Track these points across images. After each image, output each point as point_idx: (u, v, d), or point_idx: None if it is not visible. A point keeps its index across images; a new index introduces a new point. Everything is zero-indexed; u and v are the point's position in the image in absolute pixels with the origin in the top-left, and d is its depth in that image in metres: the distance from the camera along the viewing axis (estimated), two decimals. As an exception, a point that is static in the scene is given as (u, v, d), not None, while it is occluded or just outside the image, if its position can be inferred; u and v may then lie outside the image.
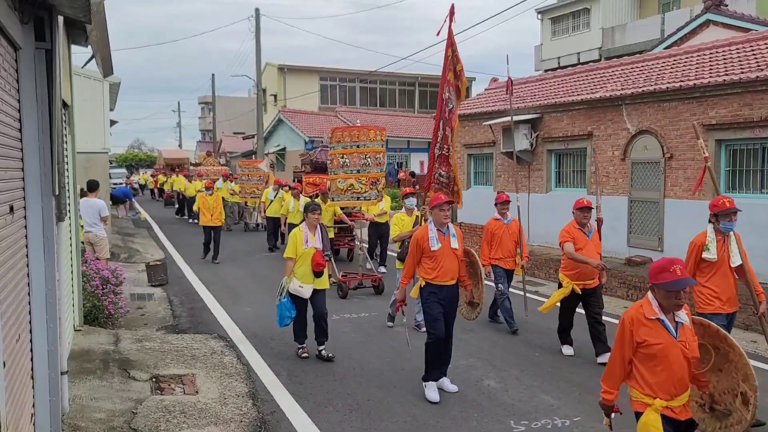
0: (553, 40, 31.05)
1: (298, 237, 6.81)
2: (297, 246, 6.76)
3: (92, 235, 10.41)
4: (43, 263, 4.25)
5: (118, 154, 63.20)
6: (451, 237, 5.90)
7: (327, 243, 7.02)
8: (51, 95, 4.19)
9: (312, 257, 6.75)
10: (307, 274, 6.79)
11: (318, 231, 6.92)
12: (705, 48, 12.27)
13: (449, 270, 5.85)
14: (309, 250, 6.77)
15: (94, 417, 5.05)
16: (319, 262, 6.77)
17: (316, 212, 6.90)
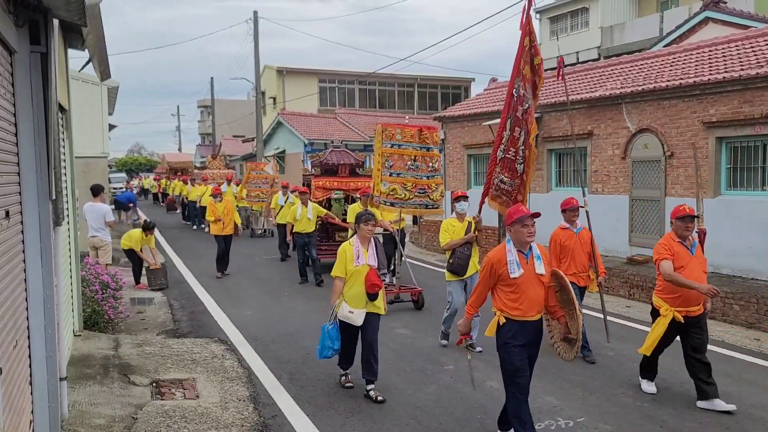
0: (552, 39, 31.02)
1: (348, 253, 5.77)
2: (346, 263, 5.73)
3: (97, 240, 10.44)
4: (41, 268, 4.21)
5: (117, 159, 63.18)
6: (535, 260, 4.64)
7: (383, 259, 5.98)
8: (47, 99, 4.16)
9: (365, 276, 5.69)
10: (359, 296, 5.72)
11: (372, 245, 5.88)
12: (704, 45, 12.25)
13: (535, 302, 4.61)
14: (361, 268, 5.71)
15: (94, 423, 5.01)
16: (374, 282, 5.67)
17: (369, 222, 5.83)
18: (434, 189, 9.41)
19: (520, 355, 4.62)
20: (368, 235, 5.87)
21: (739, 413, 5.49)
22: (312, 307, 9.69)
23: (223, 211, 12.36)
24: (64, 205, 6.00)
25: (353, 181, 13.01)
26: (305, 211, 11.68)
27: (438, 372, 6.58)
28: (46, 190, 4.22)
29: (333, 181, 13.00)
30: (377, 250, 5.92)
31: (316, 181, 12.91)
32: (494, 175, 6.58)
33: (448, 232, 7.38)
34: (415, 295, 9.49)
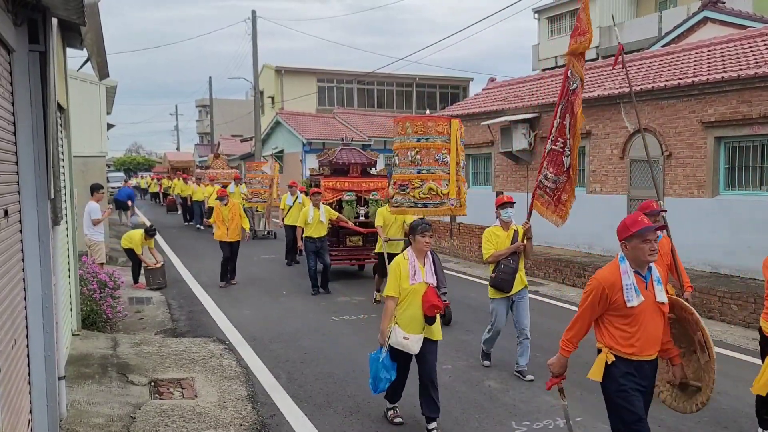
0: (550, 39, 31.06)
1: (402, 268, 4.98)
2: (400, 281, 4.94)
3: (87, 239, 10.40)
4: (39, 267, 4.21)
5: (116, 158, 63.11)
6: (655, 284, 3.69)
7: (442, 276, 5.16)
8: (45, 98, 4.15)
9: (423, 297, 4.90)
10: (415, 320, 4.94)
11: (429, 260, 5.08)
12: (703, 45, 12.27)
13: (653, 337, 3.68)
14: (418, 287, 4.90)
15: (93, 422, 5.01)
16: (434, 303, 4.91)
17: (427, 233, 5.01)
18: None
19: (638, 400, 3.68)
20: (425, 248, 5.02)
21: (737, 412, 5.50)
22: (310, 307, 9.69)
23: (228, 215, 11.30)
24: (63, 205, 5.99)
25: (365, 181, 12.15)
26: (317, 213, 10.66)
27: (439, 372, 6.57)
28: (45, 189, 4.21)
29: (344, 181, 12.08)
30: (435, 266, 5.11)
31: (326, 181, 11.96)
32: (540, 172, 5.97)
33: (492, 243, 6.48)
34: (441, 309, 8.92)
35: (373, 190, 12.02)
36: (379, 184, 12.07)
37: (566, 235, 12.07)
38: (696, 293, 9.23)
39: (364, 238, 11.83)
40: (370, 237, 11.65)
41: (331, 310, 9.37)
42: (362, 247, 11.94)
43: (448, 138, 7.46)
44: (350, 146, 12.75)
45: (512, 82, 17.50)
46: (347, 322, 8.71)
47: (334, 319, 8.88)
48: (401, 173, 7.36)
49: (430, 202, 7.38)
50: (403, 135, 7.47)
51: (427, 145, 7.44)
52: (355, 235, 11.86)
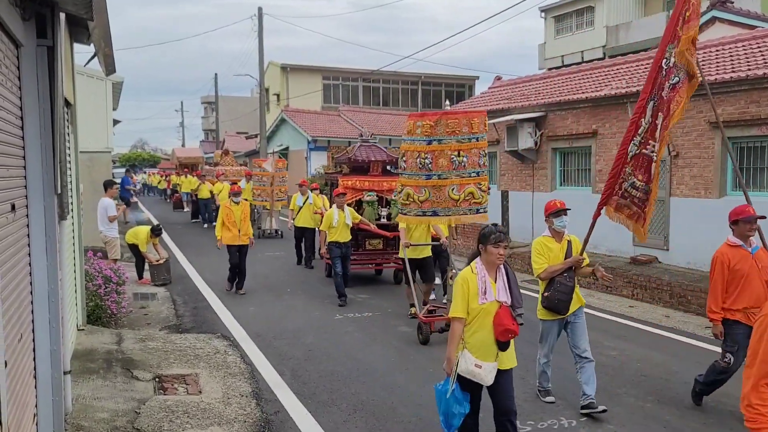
0: (557, 38, 30.97)
1: (471, 284, 4.18)
2: (468, 299, 4.16)
3: (102, 236, 10.53)
4: (46, 262, 4.22)
5: (121, 154, 63.26)
6: None
7: (517, 293, 4.32)
8: (53, 93, 4.16)
9: (495, 318, 4.15)
10: (486, 345, 4.17)
11: (502, 274, 4.28)
12: (711, 45, 12.20)
13: None
14: (489, 306, 4.14)
15: (98, 417, 5.02)
16: (508, 326, 4.15)
17: (501, 244, 4.19)
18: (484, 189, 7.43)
19: None
20: (499, 261, 4.21)
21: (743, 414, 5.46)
22: (314, 304, 9.70)
23: (240, 216, 10.26)
24: (69, 200, 6.00)
25: (386, 180, 11.21)
26: (342, 216, 9.84)
27: (441, 370, 6.51)
28: (52, 184, 4.22)
29: (364, 180, 11.18)
30: (510, 282, 4.29)
31: (344, 180, 11.05)
32: (623, 178, 5.21)
33: (544, 256, 5.53)
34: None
35: (395, 190, 11.27)
36: None
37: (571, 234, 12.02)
38: (702, 294, 9.19)
39: (385, 241, 11.15)
40: (390, 240, 11.01)
41: (335, 308, 9.37)
42: (382, 250, 11.27)
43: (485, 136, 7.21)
44: (370, 142, 11.82)
45: (518, 81, 17.45)
46: (351, 319, 8.71)
47: (338, 316, 8.88)
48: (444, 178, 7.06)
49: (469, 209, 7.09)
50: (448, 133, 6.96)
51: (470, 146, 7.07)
52: (374, 237, 11.11)
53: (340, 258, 9.75)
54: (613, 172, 5.29)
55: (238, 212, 10.27)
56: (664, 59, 5.03)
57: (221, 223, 10.26)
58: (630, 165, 5.18)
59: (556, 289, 5.43)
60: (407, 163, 7.30)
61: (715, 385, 5.46)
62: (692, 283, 9.54)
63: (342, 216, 9.87)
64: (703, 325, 8.60)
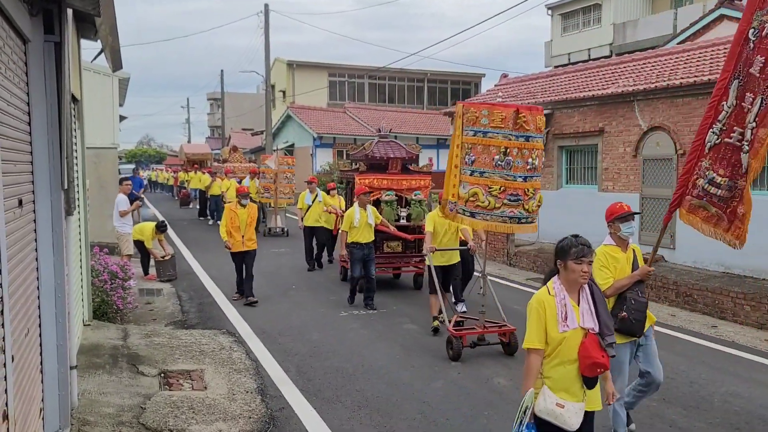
0: (563, 36, 30.86)
1: (549, 308, 3.46)
2: (546, 325, 3.45)
3: (115, 231, 10.67)
4: (52, 257, 4.23)
5: (127, 150, 63.46)
6: None
7: (606, 317, 3.58)
8: (60, 89, 4.17)
9: (580, 350, 3.43)
10: (570, 380, 3.45)
11: (586, 295, 3.54)
12: (719, 43, 12.13)
13: None
14: (572, 334, 3.42)
15: (104, 412, 5.04)
16: (596, 360, 3.40)
17: (585, 260, 3.45)
18: (531, 196, 6.52)
19: None
20: (583, 280, 3.47)
21: (749, 414, 5.45)
22: (319, 301, 9.70)
23: (246, 219, 9.46)
24: (76, 195, 6.02)
25: (406, 179, 10.63)
26: (365, 216, 9.21)
27: (446, 368, 6.58)
28: (59, 179, 4.23)
29: (382, 178, 10.49)
30: (596, 304, 3.54)
31: (362, 178, 10.33)
32: (697, 174, 4.45)
33: (609, 269, 4.68)
34: (505, 336, 7.10)
35: (415, 189, 10.54)
36: (422, 182, 10.64)
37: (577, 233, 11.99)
38: (708, 293, 9.16)
39: (404, 243, 10.56)
40: (409, 242, 10.49)
41: (340, 305, 9.37)
42: (401, 253, 10.70)
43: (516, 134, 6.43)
44: (388, 138, 11.07)
45: (525, 78, 17.40)
46: (356, 316, 8.71)
47: (343, 313, 8.89)
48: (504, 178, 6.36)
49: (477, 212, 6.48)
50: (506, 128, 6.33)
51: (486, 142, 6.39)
52: (393, 239, 10.47)
53: (360, 261, 9.11)
54: (687, 168, 4.51)
55: (244, 216, 9.43)
56: (752, 29, 4.23)
57: (225, 226, 9.50)
58: (708, 158, 4.35)
59: (630, 307, 4.59)
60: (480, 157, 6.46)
61: None
62: (698, 282, 9.50)
63: (364, 215, 9.22)
64: (709, 324, 8.57)
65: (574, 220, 7.36)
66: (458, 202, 6.53)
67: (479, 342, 7.11)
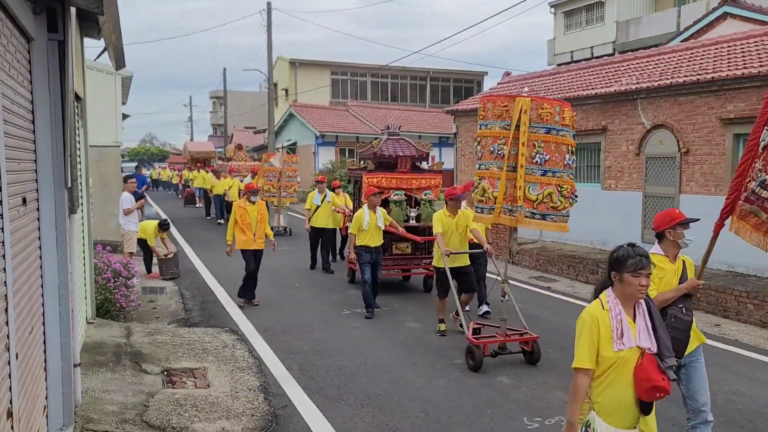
0: (566, 34, 30.78)
1: (602, 324, 3.10)
2: (598, 344, 3.09)
3: (121, 228, 10.75)
4: (56, 255, 4.24)
5: (130, 149, 63.53)
6: None
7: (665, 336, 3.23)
8: (63, 87, 4.18)
9: (636, 370, 3.08)
10: (623, 406, 3.10)
11: (642, 310, 3.20)
12: (723, 41, 12.10)
13: None
14: (628, 354, 3.07)
15: (107, 409, 5.05)
16: (655, 383, 3.03)
17: (644, 272, 3.09)
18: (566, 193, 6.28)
19: None
20: (640, 294, 3.13)
21: (752, 412, 5.44)
22: (322, 299, 9.71)
23: (257, 216, 9.13)
24: (79, 194, 6.03)
25: (416, 178, 10.29)
26: (374, 218, 8.80)
27: (448, 366, 6.58)
28: (62, 177, 4.24)
29: (391, 177, 10.11)
30: (653, 321, 3.21)
31: (369, 177, 9.99)
32: (750, 176, 3.97)
33: (653, 280, 4.08)
34: (527, 344, 6.74)
35: (425, 188, 10.25)
36: (432, 181, 10.31)
37: (579, 231, 12.00)
38: (712, 292, 9.15)
39: (413, 245, 10.20)
40: (418, 243, 10.16)
41: (343, 303, 9.38)
42: (410, 255, 10.30)
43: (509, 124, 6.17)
44: (398, 136, 10.65)
45: (527, 76, 17.37)
46: (359, 315, 8.72)
47: (345, 311, 8.89)
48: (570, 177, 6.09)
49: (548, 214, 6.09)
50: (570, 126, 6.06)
51: (559, 140, 6.07)
52: (402, 241, 10.07)
53: (369, 264, 8.77)
54: (740, 170, 4.01)
55: (254, 213, 9.10)
56: None
57: (233, 225, 9.11)
58: (762, 158, 3.83)
59: (671, 324, 4.04)
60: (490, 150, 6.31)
61: None
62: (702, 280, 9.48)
63: (373, 218, 8.80)
64: (713, 323, 8.56)
65: (576, 218, 7.31)
66: (524, 205, 6.15)
67: (500, 351, 6.73)
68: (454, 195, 7.74)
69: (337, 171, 25.15)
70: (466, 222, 7.69)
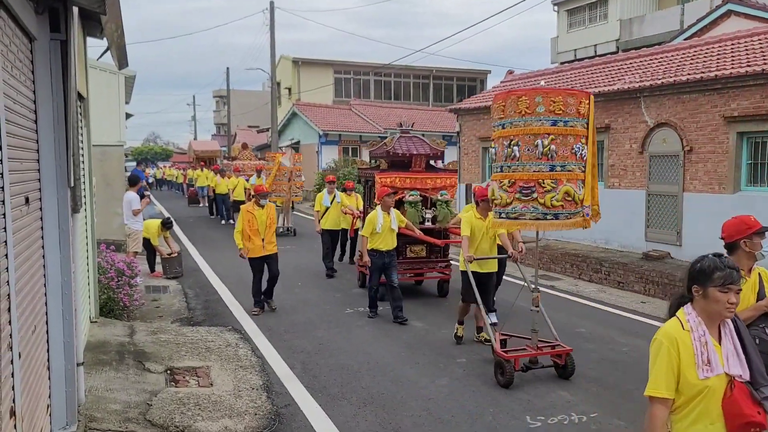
0: (569, 32, 30.71)
1: (683, 346, 2.65)
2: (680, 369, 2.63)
3: (126, 228, 10.87)
4: (59, 254, 4.25)
5: (133, 148, 63.64)
6: None
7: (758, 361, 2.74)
8: (66, 87, 4.18)
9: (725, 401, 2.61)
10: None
11: (730, 331, 2.74)
12: (726, 39, 12.06)
13: None
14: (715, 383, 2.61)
15: (110, 408, 5.07)
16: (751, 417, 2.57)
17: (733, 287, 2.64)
18: None
19: None
20: (728, 313, 2.68)
21: (755, 412, 5.42)
22: (325, 298, 9.72)
23: (266, 221, 8.55)
24: (82, 193, 6.05)
25: (431, 177, 9.78)
26: (388, 220, 8.34)
27: (451, 365, 6.58)
28: (65, 177, 4.25)
29: (405, 177, 9.61)
30: (744, 344, 2.73)
31: (382, 177, 9.48)
32: None
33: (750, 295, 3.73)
34: (560, 357, 6.20)
35: (440, 188, 9.73)
36: (448, 181, 9.86)
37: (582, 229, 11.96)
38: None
39: (428, 247, 9.64)
40: (434, 246, 9.60)
41: (346, 302, 9.39)
42: (425, 258, 9.70)
43: (586, 122, 5.72)
44: (411, 134, 10.16)
45: (531, 74, 17.35)
46: (362, 313, 8.72)
47: (348, 310, 8.90)
48: (523, 170, 5.64)
49: (562, 212, 5.67)
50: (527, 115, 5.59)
51: (566, 131, 5.60)
52: (417, 243, 9.49)
53: (381, 269, 8.36)
54: None
55: (263, 217, 8.49)
56: None
57: (241, 231, 8.58)
58: None
59: None
60: None
61: None
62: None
63: (387, 220, 8.32)
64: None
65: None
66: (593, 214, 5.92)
67: (532, 365, 6.22)
68: (484, 196, 7.03)
69: (340, 170, 25.14)
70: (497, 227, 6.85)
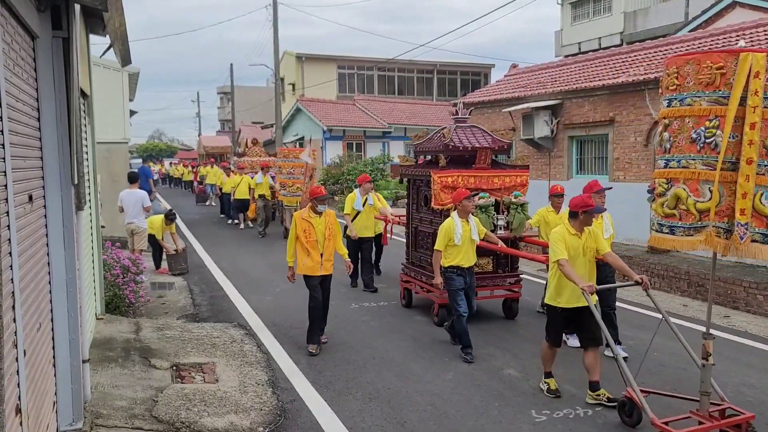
0: (573, 25, 30.57)
1: None
2: None
3: (134, 226, 10.82)
4: (63, 252, 4.27)
5: (138, 145, 63.76)
6: None
7: None
8: (69, 84, 4.18)
9: None
10: None
11: None
12: (731, 30, 11.98)
13: None
14: None
15: (116, 405, 5.09)
16: None
17: None
18: None
19: None
20: None
21: (762, 404, 5.41)
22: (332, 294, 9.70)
23: (325, 232, 6.77)
24: (86, 190, 6.06)
25: (498, 175, 7.93)
26: (468, 230, 6.68)
27: (456, 359, 6.57)
28: (69, 174, 4.26)
29: (468, 176, 7.72)
30: None
31: (441, 176, 7.62)
32: None
33: None
34: (740, 428, 4.69)
35: (511, 188, 8.01)
36: (519, 179, 8.05)
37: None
38: (720, 283, 9.08)
39: (495, 260, 8.02)
40: (501, 259, 8.03)
41: (351, 297, 9.39)
42: (492, 273, 8.00)
43: (725, 95, 3.98)
44: (467, 123, 8.31)
45: (534, 68, 17.27)
46: (367, 309, 8.73)
47: (353, 305, 8.90)
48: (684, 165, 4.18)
49: (678, 225, 4.24)
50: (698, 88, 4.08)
51: (685, 112, 4.16)
52: (485, 254, 7.82)
53: (463, 292, 6.65)
54: None
55: (320, 226, 6.74)
56: None
57: (294, 242, 6.87)
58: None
59: None
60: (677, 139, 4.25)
61: None
62: (710, 272, 9.42)
63: (467, 229, 6.65)
64: (722, 315, 8.50)
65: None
66: (753, 222, 4.08)
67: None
68: (590, 206, 5.22)
69: (345, 165, 25.10)
70: (595, 243, 5.34)
